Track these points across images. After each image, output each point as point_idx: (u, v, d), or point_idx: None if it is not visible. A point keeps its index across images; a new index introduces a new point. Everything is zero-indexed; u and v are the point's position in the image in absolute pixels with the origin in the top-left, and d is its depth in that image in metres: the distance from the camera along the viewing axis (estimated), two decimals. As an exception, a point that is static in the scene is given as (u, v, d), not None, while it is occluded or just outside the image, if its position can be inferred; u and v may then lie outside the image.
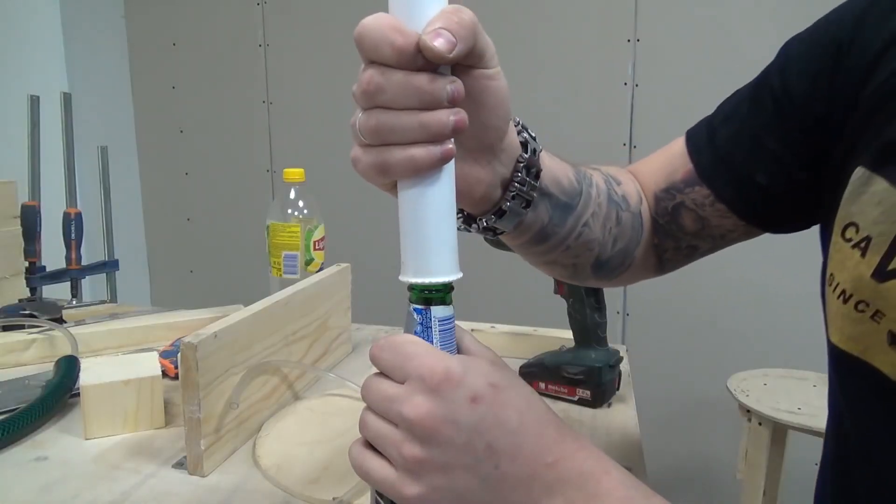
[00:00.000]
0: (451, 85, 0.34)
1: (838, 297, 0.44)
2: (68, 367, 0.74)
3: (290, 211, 0.93)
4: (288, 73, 2.22)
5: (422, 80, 0.34)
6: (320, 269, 0.94)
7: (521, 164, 0.44)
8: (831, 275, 0.45)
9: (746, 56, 1.75)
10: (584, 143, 1.90)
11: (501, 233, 0.47)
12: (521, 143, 0.44)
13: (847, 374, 0.45)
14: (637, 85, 1.87)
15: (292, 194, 0.94)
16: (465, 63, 0.36)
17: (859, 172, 0.43)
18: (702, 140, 0.55)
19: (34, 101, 1.14)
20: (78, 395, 0.68)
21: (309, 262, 0.94)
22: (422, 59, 0.33)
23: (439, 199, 0.36)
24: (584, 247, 0.52)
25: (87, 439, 0.66)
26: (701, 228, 0.55)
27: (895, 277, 0.39)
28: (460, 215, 0.47)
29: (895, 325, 0.40)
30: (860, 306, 0.42)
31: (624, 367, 0.81)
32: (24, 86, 2.00)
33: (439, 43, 0.33)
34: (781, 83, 0.50)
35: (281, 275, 0.93)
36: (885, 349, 0.41)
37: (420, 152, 0.34)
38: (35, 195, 1.15)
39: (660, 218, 0.56)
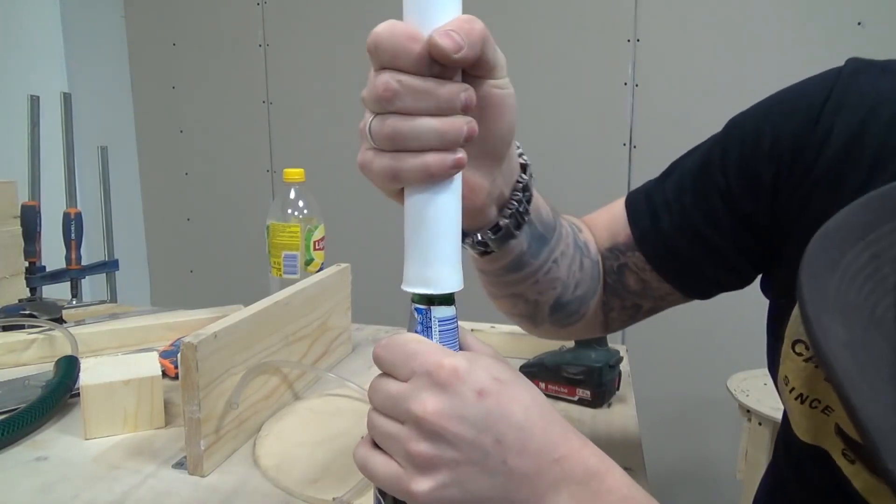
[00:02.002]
0: (464, 92, 0.35)
1: (796, 398, 0.48)
2: (68, 367, 0.74)
3: (290, 211, 0.93)
4: (288, 73, 2.22)
5: (437, 85, 0.34)
6: (320, 269, 0.94)
7: (521, 185, 0.45)
8: (786, 377, 0.48)
9: (746, 56, 1.75)
10: (584, 143, 1.90)
11: (490, 252, 0.47)
12: (521, 164, 0.45)
13: (806, 460, 0.50)
14: (637, 85, 1.87)
15: (292, 194, 0.94)
16: (475, 73, 0.37)
17: None
18: (643, 218, 0.55)
19: (34, 101, 1.14)
20: (78, 395, 0.68)
21: (309, 262, 0.94)
22: (437, 67, 0.34)
23: (445, 211, 0.37)
24: (550, 284, 0.52)
25: (87, 439, 0.66)
26: (642, 288, 0.57)
27: None
28: None
29: (840, 420, 0.44)
30: (814, 403, 0.46)
31: (624, 367, 0.81)
32: (24, 86, 2.00)
33: (446, 42, 0.33)
34: (725, 182, 0.51)
35: (281, 275, 0.93)
36: (833, 437, 0.45)
37: (434, 159, 0.35)
38: (35, 195, 1.15)
39: (607, 276, 0.58)
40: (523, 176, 0.45)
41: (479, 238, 0.46)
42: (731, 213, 0.51)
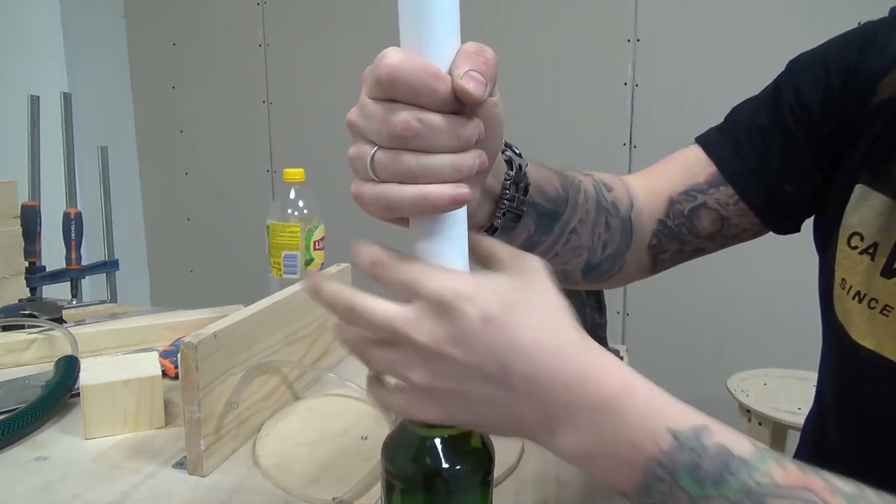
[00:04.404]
0: (478, 127, 0.34)
1: (853, 297, 0.50)
2: (68, 367, 0.74)
3: (290, 211, 0.93)
4: (288, 73, 2.22)
5: (460, 124, 0.33)
6: (320, 269, 0.94)
7: (508, 182, 0.45)
8: (843, 279, 0.51)
9: (746, 56, 1.75)
10: (584, 143, 1.90)
11: None
12: (505, 160, 0.45)
13: (865, 368, 0.51)
14: (637, 85, 1.87)
15: (292, 194, 0.94)
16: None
17: (860, 189, 0.50)
18: (724, 149, 0.58)
19: (34, 101, 1.14)
20: (78, 395, 0.68)
21: (309, 262, 0.94)
22: (457, 104, 0.33)
23: (454, 227, 0.36)
24: (573, 253, 0.52)
25: (87, 439, 0.66)
26: (719, 229, 0.58)
27: None
28: None
29: None
30: (871, 303, 0.49)
31: (624, 367, 0.81)
32: (24, 86, 2.00)
33: (474, 87, 0.32)
34: (797, 98, 0.54)
35: (281, 275, 0.93)
36: (895, 339, 0.47)
37: (434, 191, 0.33)
38: (35, 195, 1.15)
39: (671, 220, 0.58)
40: (509, 172, 0.45)
41: None
42: (806, 124, 0.54)
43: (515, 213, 0.45)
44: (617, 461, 0.34)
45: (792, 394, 1.53)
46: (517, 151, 0.46)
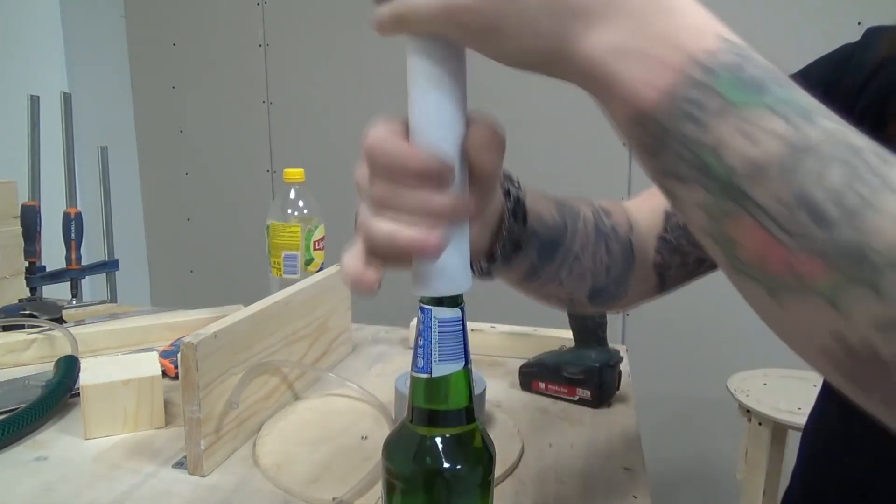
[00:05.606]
0: (454, 201, 0.35)
1: None
2: (68, 367, 0.74)
3: (290, 211, 0.93)
4: (288, 73, 2.22)
5: (429, 199, 0.35)
6: (320, 269, 0.94)
7: (506, 213, 0.45)
8: None
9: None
10: (585, 144, 1.90)
11: (493, 276, 0.48)
12: (503, 192, 0.45)
13: None
14: (637, 85, 1.87)
15: (292, 194, 0.94)
16: None
17: None
18: None
19: (34, 101, 1.14)
20: (78, 395, 0.68)
21: (309, 262, 0.94)
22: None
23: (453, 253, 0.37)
24: (578, 279, 0.53)
25: (87, 439, 0.66)
26: None
27: None
28: None
29: None
30: None
31: (624, 367, 0.81)
32: (24, 86, 2.00)
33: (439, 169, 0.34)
34: None
35: (281, 275, 0.93)
36: None
37: (417, 236, 0.35)
38: (35, 195, 1.15)
39: (669, 234, 0.58)
40: (507, 203, 0.45)
41: (480, 269, 0.46)
42: None
43: (514, 242, 0.46)
44: (650, 62, 0.30)
45: (792, 394, 1.53)
46: (515, 181, 0.46)
